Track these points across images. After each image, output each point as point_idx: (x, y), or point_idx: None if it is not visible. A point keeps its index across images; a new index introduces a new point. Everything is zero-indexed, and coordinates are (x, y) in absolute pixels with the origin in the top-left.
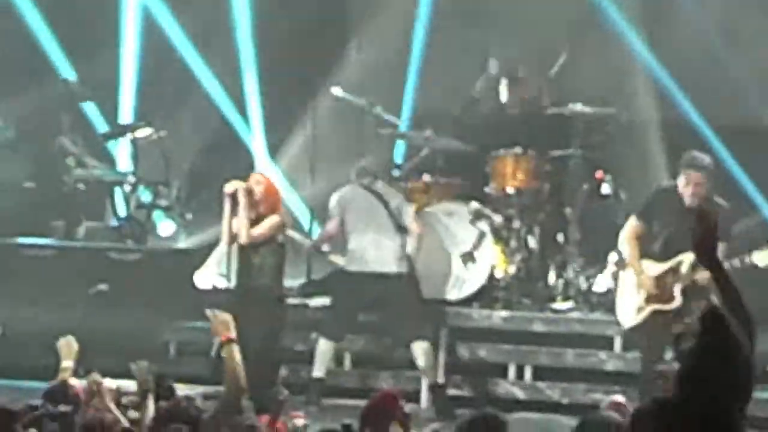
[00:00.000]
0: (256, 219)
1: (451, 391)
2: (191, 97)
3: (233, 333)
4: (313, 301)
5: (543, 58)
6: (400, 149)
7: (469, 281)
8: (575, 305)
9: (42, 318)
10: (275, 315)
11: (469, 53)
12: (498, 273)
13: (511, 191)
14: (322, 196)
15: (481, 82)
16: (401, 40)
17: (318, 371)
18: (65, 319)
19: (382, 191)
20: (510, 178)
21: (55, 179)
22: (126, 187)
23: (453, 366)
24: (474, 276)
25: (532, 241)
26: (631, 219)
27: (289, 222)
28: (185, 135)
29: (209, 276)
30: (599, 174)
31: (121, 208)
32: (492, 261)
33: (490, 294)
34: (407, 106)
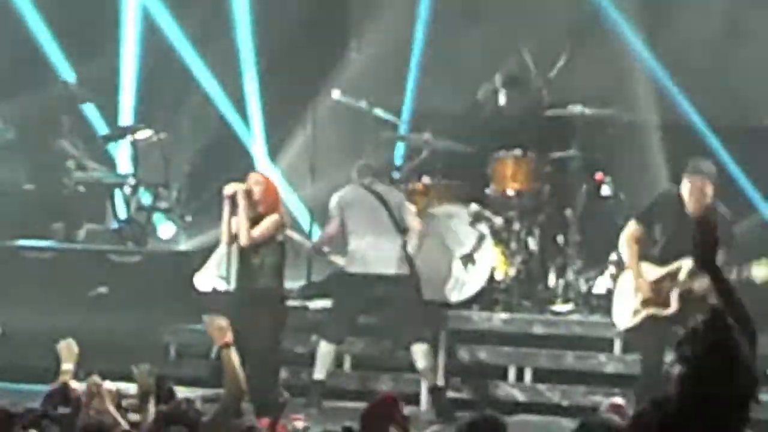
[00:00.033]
0: (255, 219)
1: (451, 394)
2: (191, 99)
3: (230, 337)
4: (313, 303)
5: (543, 59)
6: (399, 151)
7: (469, 283)
8: (575, 307)
9: (42, 320)
10: (276, 316)
11: (470, 54)
12: (498, 275)
13: (511, 193)
14: (321, 197)
15: (484, 90)
16: (401, 40)
17: (319, 373)
18: (65, 322)
19: (382, 191)
20: (510, 180)
21: (55, 182)
22: (126, 190)
23: (453, 368)
24: (474, 278)
25: (532, 243)
26: (631, 222)
27: (289, 221)
28: (185, 137)
29: (209, 278)
30: (599, 176)
31: (122, 210)
32: (492, 263)
33: (490, 296)
34: (407, 107)
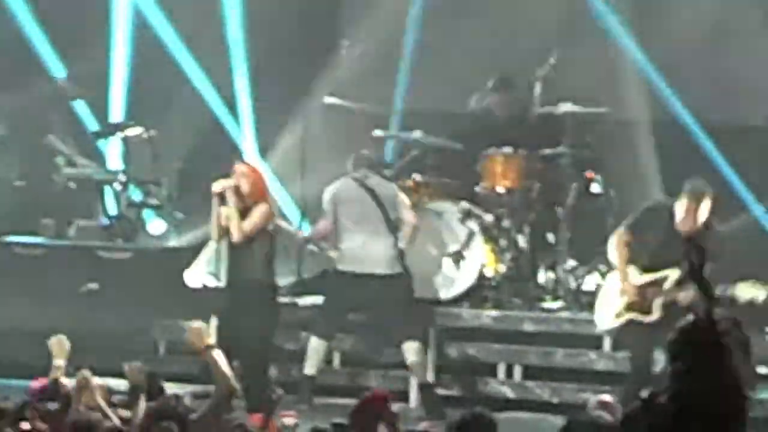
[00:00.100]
0: (244, 210)
1: (441, 391)
2: (182, 96)
3: (211, 339)
4: (303, 300)
5: (534, 57)
6: (390, 148)
7: (459, 280)
8: (565, 305)
9: (31, 316)
10: (267, 308)
11: (461, 52)
12: (488, 272)
13: (502, 190)
14: (312, 195)
15: (477, 96)
16: (392, 39)
17: (310, 368)
18: (55, 318)
19: (374, 186)
20: (500, 177)
21: (46, 178)
22: (116, 186)
23: (442, 365)
24: (464, 275)
25: (522, 241)
26: (620, 229)
27: (277, 209)
28: (176, 134)
29: (199, 274)
30: (589, 173)
31: (112, 206)
32: (482, 260)
33: (479, 293)
34: (398, 105)
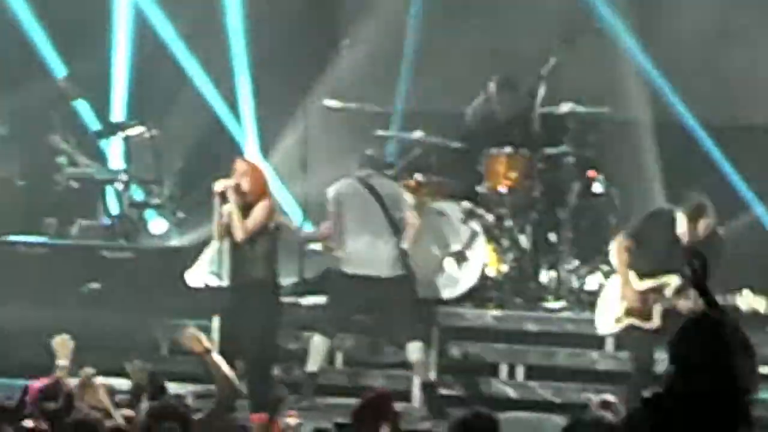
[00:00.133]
0: (246, 207)
1: (443, 391)
2: (183, 96)
3: (207, 343)
4: (306, 300)
5: (535, 57)
6: (391, 148)
7: (462, 280)
8: (567, 304)
9: (34, 316)
10: (271, 307)
11: (461, 52)
12: (490, 272)
13: (504, 190)
14: (313, 195)
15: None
16: (393, 38)
17: (312, 365)
18: (57, 317)
19: (378, 186)
20: (502, 177)
21: (48, 177)
22: (118, 186)
23: (445, 365)
24: (466, 275)
25: (524, 240)
26: (621, 235)
27: (278, 205)
28: (177, 133)
29: (201, 274)
30: (591, 173)
31: (114, 206)
32: (484, 260)
33: (482, 293)
34: (399, 105)
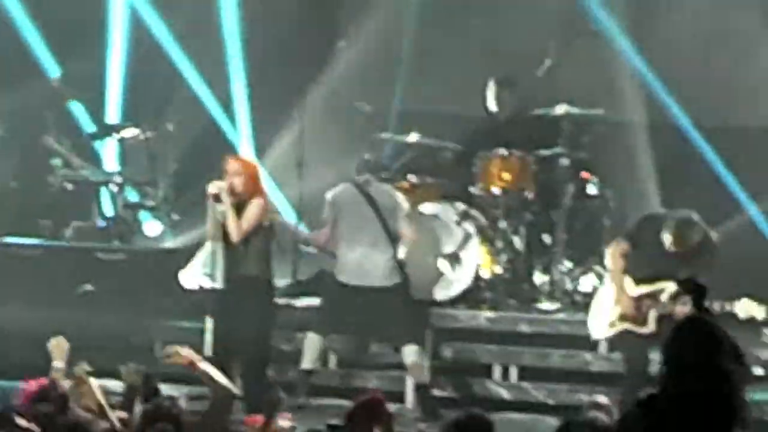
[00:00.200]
0: (240, 206)
1: (437, 392)
2: (178, 98)
3: (191, 355)
4: (300, 302)
5: (531, 59)
6: (388, 149)
7: (455, 282)
8: (561, 306)
9: (28, 317)
10: (265, 307)
11: (459, 53)
12: (484, 273)
13: (497, 192)
14: (309, 196)
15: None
16: (390, 39)
17: (307, 363)
18: (52, 319)
19: (375, 194)
20: (496, 178)
21: (42, 179)
22: (113, 187)
23: (438, 366)
24: (460, 277)
25: (518, 242)
26: (617, 240)
27: (271, 202)
28: (172, 135)
29: (195, 275)
30: (585, 174)
31: (108, 208)
32: (478, 262)
33: (476, 294)
34: (395, 106)
